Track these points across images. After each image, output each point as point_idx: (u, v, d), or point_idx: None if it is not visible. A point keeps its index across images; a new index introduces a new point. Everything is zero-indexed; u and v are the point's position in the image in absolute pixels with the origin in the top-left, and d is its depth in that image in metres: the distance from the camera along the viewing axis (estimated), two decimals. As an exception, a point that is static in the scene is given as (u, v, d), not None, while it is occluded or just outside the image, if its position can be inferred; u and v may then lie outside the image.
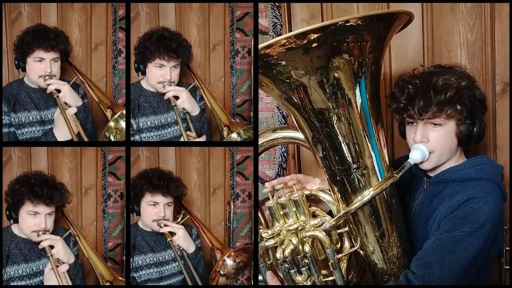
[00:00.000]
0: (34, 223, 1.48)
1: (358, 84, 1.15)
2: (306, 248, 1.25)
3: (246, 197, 1.84)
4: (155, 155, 1.83)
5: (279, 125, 1.71)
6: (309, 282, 1.29)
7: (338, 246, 1.30)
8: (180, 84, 1.64)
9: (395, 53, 1.65)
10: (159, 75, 1.59)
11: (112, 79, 1.81)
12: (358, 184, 1.22)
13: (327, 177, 1.26)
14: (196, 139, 1.61)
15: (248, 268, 1.63)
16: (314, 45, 1.05)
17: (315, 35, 1.04)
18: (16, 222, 1.51)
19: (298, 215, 1.28)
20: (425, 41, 1.62)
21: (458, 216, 1.24)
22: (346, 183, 1.23)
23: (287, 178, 1.38)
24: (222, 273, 1.58)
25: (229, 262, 1.59)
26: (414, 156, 1.30)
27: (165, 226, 1.59)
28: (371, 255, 1.30)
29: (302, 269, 1.27)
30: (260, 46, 1.07)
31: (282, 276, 1.31)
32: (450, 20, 1.60)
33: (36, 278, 1.53)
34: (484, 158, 1.40)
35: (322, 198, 1.32)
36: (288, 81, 1.13)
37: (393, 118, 1.56)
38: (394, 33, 1.21)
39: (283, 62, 1.09)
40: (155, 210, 1.59)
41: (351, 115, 1.17)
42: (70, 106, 1.55)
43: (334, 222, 1.24)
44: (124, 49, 1.78)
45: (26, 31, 1.57)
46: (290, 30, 1.68)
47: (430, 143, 1.32)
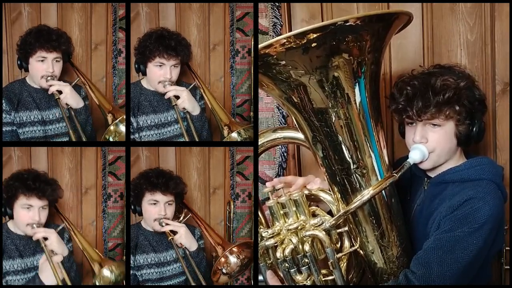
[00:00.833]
0: (28, 217, 1.51)
1: (357, 83, 1.15)
2: (306, 247, 1.25)
3: (246, 197, 1.84)
4: (155, 155, 1.83)
5: (279, 125, 1.71)
6: (309, 282, 1.29)
7: (338, 245, 1.30)
8: (180, 84, 1.65)
9: (395, 53, 1.65)
10: (159, 75, 1.59)
11: (112, 79, 1.81)
12: (358, 183, 1.22)
13: (327, 177, 1.26)
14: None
15: (250, 266, 1.63)
16: (313, 44, 1.05)
17: (315, 35, 1.04)
18: (11, 218, 1.54)
19: (298, 215, 1.28)
20: (425, 41, 1.62)
21: (458, 216, 1.24)
22: (346, 183, 1.23)
23: (289, 178, 1.37)
24: (224, 271, 1.58)
25: (232, 259, 1.59)
26: (414, 156, 1.30)
27: (166, 225, 1.59)
28: (371, 255, 1.30)
29: (302, 268, 1.27)
30: (260, 46, 1.07)
31: (282, 275, 1.31)
32: (450, 20, 1.60)
33: (30, 273, 1.55)
34: (484, 158, 1.40)
35: (322, 197, 1.32)
36: (288, 80, 1.13)
37: (393, 118, 1.56)
38: (394, 33, 1.21)
39: (283, 62, 1.10)
40: (156, 209, 1.60)
41: (351, 115, 1.17)
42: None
43: (334, 222, 1.24)
44: (124, 49, 1.78)
45: (28, 32, 1.58)
46: (290, 30, 1.68)
47: (429, 144, 1.32)
